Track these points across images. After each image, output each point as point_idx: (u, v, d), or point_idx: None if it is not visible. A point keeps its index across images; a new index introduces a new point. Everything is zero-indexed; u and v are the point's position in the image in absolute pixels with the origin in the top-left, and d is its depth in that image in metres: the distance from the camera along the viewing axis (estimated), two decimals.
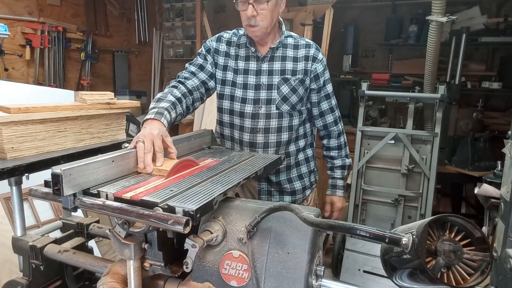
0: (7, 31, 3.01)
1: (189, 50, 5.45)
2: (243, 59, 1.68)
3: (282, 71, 1.65)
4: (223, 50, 1.70)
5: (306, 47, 1.68)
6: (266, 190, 1.77)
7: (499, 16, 3.72)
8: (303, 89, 1.66)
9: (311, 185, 1.85)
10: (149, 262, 1.02)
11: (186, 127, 4.52)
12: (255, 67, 1.67)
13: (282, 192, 1.77)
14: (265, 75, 1.66)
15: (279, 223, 0.97)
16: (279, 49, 1.67)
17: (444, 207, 3.88)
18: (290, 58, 1.66)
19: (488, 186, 1.70)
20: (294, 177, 1.77)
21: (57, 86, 4.20)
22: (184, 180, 1.10)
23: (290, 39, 1.70)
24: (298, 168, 1.77)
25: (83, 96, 1.47)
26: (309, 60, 1.66)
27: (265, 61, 1.66)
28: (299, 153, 1.77)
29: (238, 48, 1.69)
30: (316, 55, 1.67)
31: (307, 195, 1.83)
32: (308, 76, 1.66)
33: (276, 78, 1.65)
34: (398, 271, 0.88)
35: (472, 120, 3.61)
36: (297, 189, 1.77)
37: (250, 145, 1.71)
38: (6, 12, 3.78)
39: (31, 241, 1.24)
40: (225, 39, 1.72)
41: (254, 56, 1.67)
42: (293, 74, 1.65)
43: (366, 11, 4.37)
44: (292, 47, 1.68)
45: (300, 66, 1.65)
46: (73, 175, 0.95)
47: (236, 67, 1.68)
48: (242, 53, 1.68)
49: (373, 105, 3.88)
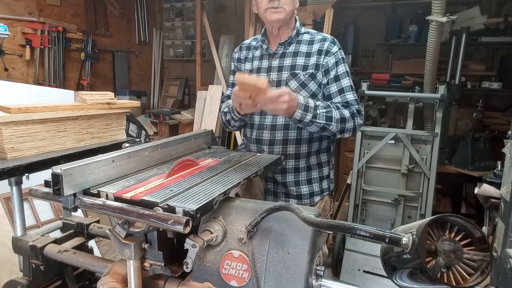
0: (7, 31, 3.01)
1: (189, 50, 5.45)
2: (257, 58, 1.72)
3: (292, 67, 1.62)
4: (243, 57, 1.79)
5: (321, 41, 1.63)
6: (272, 191, 1.71)
7: (499, 16, 3.72)
8: (315, 85, 1.60)
9: (321, 192, 1.71)
10: (149, 262, 1.02)
11: (186, 127, 4.52)
12: (266, 64, 1.68)
13: (288, 195, 1.68)
14: (275, 71, 1.65)
15: (279, 223, 0.97)
16: (291, 45, 1.65)
17: (444, 207, 3.87)
18: (302, 53, 1.63)
19: (488, 186, 1.70)
20: (303, 181, 1.67)
21: (57, 86, 4.20)
22: (184, 180, 1.10)
23: (306, 35, 1.67)
24: (309, 172, 1.67)
25: (83, 96, 1.47)
26: (322, 54, 1.60)
27: (275, 58, 1.66)
28: (310, 156, 1.67)
29: (255, 50, 1.75)
30: (329, 49, 1.61)
31: (315, 202, 1.70)
32: (320, 70, 1.60)
33: (285, 74, 1.62)
34: (398, 271, 0.88)
35: (472, 120, 3.61)
36: (303, 194, 1.68)
37: (257, 142, 1.67)
38: (6, 12, 3.78)
39: (31, 241, 1.24)
40: (245, 45, 1.81)
41: (267, 54, 1.69)
42: (304, 69, 1.60)
43: (366, 11, 4.37)
44: (306, 43, 1.64)
45: (312, 61, 1.60)
46: (73, 175, 0.95)
47: (251, 68, 1.73)
48: (257, 53, 1.73)
49: (373, 105, 3.88)
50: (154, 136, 4.74)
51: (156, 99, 5.64)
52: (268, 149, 1.65)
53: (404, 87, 3.93)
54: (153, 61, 5.67)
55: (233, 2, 4.92)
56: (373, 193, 3.11)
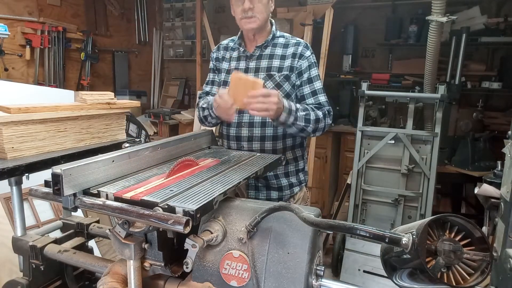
0: (7, 31, 3.01)
1: (189, 50, 5.45)
2: (235, 59, 1.80)
3: (268, 68, 1.71)
4: (221, 57, 1.85)
5: (295, 45, 1.72)
6: (254, 185, 1.78)
7: (499, 16, 3.71)
8: (289, 86, 1.69)
9: (299, 183, 1.83)
10: (149, 262, 1.02)
11: (186, 127, 4.52)
12: (244, 65, 1.76)
13: (269, 188, 1.77)
14: (252, 72, 1.73)
15: (279, 223, 0.97)
16: (268, 48, 1.73)
17: (444, 207, 3.87)
18: (278, 56, 1.72)
19: (488, 186, 1.70)
20: (281, 174, 1.77)
21: (57, 86, 4.20)
22: (184, 180, 1.10)
23: (281, 39, 1.76)
24: (286, 166, 1.77)
25: (83, 96, 1.47)
26: (295, 57, 1.69)
27: (252, 60, 1.74)
28: (286, 152, 1.77)
29: (232, 51, 1.82)
30: (303, 53, 1.69)
31: (295, 192, 1.82)
32: (294, 72, 1.69)
33: (261, 75, 1.71)
34: (398, 271, 0.88)
35: (472, 120, 3.61)
36: (283, 185, 1.78)
37: (237, 139, 1.75)
38: (6, 12, 3.78)
39: (31, 241, 1.24)
40: (223, 45, 1.88)
41: (244, 56, 1.77)
42: (279, 71, 1.69)
43: (366, 11, 4.36)
44: (282, 46, 1.73)
45: (287, 63, 1.69)
46: (73, 175, 0.95)
47: (229, 68, 1.80)
48: (234, 54, 1.81)
49: (373, 105, 3.88)
50: (154, 136, 4.74)
51: (156, 99, 5.64)
52: (247, 146, 1.73)
53: (404, 87, 3.93)
54: (153, 61, 5.67)
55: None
56: (373, 193, 3.11)
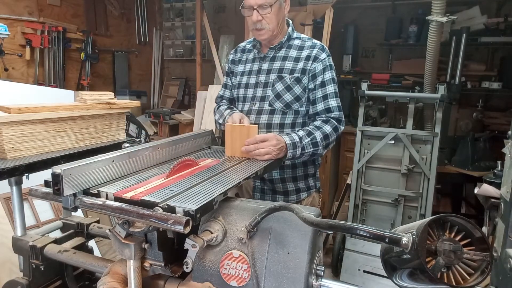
0: (7, 31, 3.01)
1: (189, 50, 5.45)
2: (250, 61, 1.80)
3: (280, 70, 1.69)
4: (238, 59, 1.86)
5: (310, 48, 1.69)
6: (260, 188, 1.76)
7: (499, 16, 3.71)
8: (300, 88, 1.66)
9: (307, 188, 1.77)
10: (149, 262, 1.02)
11: (186, 127, 4.52)
12: (257, 67, 1.75)
13: (275, 192, 1.74)
14: (264, 73, 1.72)
15: (279, 223, 0.97)
16: (282, 49, 1.72)
17: (444, 207, 3.87)
18: (291, 58, 1.69)
19: (488, 186, 1.70)
20: (288, 178, 1.72)
21: (57, 86, 4.20)
22: (184, 180, 1.10)
23: (297, 41, 1.73)
24: (294, 169, 1.72)
25: (83, 96, 1.47)
26: (309, 60, 1.66)
27: (266, 61, 1.73)
28: None
29: (248, 53, 1.83)
30: (318, 55, 1.66)
31: (302, 198, 1.77)
32: (306, 75, 1.66)
33: (272, 76, 1.69)
34: (398, 271, 0.88)
35: (472, 120, 3.61)
36: (290, 190, 1.73)
37: None
38: (6, 12, 3.78)
39: (31, 241, 1.24)
40: (240, 48, 1.88)
41: (258, 57, 1.76)
42: (290, 73, 1.67)
43: (366, 11, 4.36)
44: (296, 48, 1.71)
45: (300, 66, 1.67)
46: (73, 175, 0.95)
47: (244, 70, 1.80)
48: (250, 56, 1.81)
49: (373, 105, 3.88)
50: (154, 136, 4.74)
51: (156, 99, 5.64)
52: None
53: (404, 87, 3.93)
54: (153, 61, 5.66)
55: (233, 2, 4.92)
56: (373, 193, 3.11)
